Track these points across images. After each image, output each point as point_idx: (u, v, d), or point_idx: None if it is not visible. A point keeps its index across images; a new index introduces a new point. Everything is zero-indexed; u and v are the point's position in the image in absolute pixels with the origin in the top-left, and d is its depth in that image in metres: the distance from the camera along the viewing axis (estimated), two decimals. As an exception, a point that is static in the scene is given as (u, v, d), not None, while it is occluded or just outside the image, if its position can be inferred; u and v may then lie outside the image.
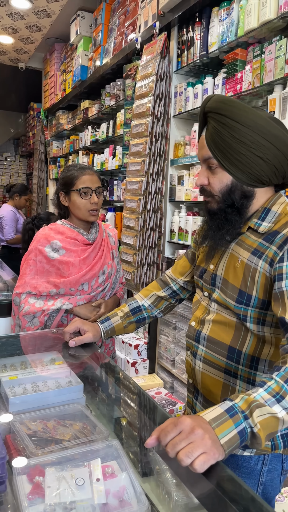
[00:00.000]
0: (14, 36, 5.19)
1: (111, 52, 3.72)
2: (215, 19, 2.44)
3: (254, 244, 1.06)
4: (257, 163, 1.01)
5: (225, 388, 1.11)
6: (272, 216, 1.06)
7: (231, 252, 1.11)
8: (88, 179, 1.63)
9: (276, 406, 0.78)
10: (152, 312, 1.41)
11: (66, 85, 5.05)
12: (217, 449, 0.73)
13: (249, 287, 1.04)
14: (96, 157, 4.33)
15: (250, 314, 1.05)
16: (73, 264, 1.61)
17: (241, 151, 1.01)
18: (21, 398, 1.02)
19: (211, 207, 1.12)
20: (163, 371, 3.10)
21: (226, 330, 1.10)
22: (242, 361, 1.08)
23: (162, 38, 2.74)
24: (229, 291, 1.09)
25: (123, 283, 1.91)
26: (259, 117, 1.00)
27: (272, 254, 1.01)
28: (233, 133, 1.00)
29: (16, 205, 4.67)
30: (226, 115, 1.01)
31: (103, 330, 1.37)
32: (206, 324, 1.15)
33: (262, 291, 1.03)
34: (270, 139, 1.00)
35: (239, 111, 1.00)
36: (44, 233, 1.66)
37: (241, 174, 1.04)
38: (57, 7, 4.38)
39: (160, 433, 0.77)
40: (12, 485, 0.76)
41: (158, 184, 2.87)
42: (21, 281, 1.64)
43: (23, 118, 7.65)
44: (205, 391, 1.17)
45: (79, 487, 0.75)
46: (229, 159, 1.03)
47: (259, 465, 1.11)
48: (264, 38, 2.21)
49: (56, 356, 1.30)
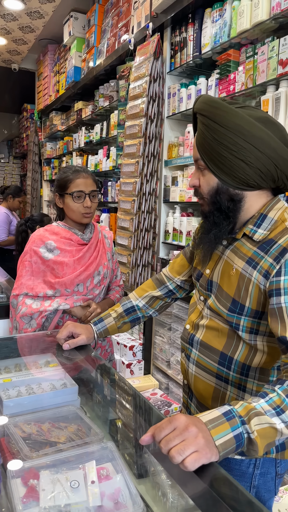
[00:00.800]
0: (7, 37, 5.17)
1: (104, 53, 3.72)
2: (208, 20, 2.44)
3: (249, 252, 1.02)
4: (239, 166, 0.97)
5: (216, 393, 1.11)
6: (268, 223, 1.02)
7: (226, 259, 1.08)
8: (82, 183, 1.62)
9: (276, 418, 0.77)
10: (146, 312, 1.39)
11: (60, 86, 5.04)
12: (210, 449, 0.73)
13: (243, 297, 1.02)
14: (90, 158, 4.32)
15: (243, 323, 1.03)
16: (67, 264, 1.61)
17: (222, 154, 0.97)
18: (15, 401, 1.01)
19: (203, 209, 1.11)
20: (158, 372, 3.10)
21: (219, 337, 1.09)
22: (233, 368, 1.06)
23: (155, 39, 2.75)
24: (223, 299, 1.07)
25: (121, 286, 1.90)
26: (241, 119, 0.96)
27: (268, 266, 0.97)
28: (214, 135, 0.97)
29: (9, 207, 4.65)
30: (208, 116, 0.99)
31: (96, 331, 1.36)
32: (200, 329, 1.14)
33: (256, 302, 1.00)
34: (252, 142, 0.95)
35: (220, 112, 0.97)
36: (39, 234, 1.66)
37: (225, 177, 1.00)
38: (50, 8, 4.37)
39: (155, 430, 0.77)
40: (7, 488, 0.76)
41: (152, 185, 2.87)
42: (17, 283, 1.64)
43: (17, 119, 7.63)
44: (198, 393, 1.16)
45: (74, 489, 0.75)
46: (213, 161, 1.00)
47: (251, 468, 1.10)
48: (257, 39, 2.22)
49: (51, 358, 1.30)
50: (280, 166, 0.98)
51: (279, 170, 0.99)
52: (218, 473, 0.74)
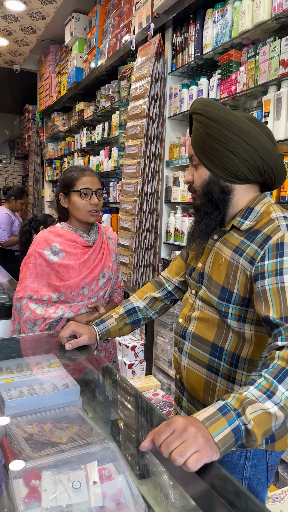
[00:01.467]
0: (8, 38, 5.18)
1: (105, 54, 3.73)
2: (209, 20, 2.44)
3: (236, 242, 1.09)
4: (229, 157, 1.05)
5: (207, 384, 1.15)
6: (255, 215, 1.09)
7: (216, 250, 1.15)
8: (89, 180, 1.62)
9: (268, 402, 0.79)
10: (147, 314, 1.42)
11: (61, 87, 5.05)
12: (211, 448, 0.73)
13: (231, 284, 1.07)
14: (91, 158, 4.33)
15: (231, 311, 1.08)
16: (73, 267, 1.60)
17: (214, 146, 1.06)
18: (17, 401, 1.01)
19: (195, 203, 1.19)
20: (160, 372, 3.10)
21: (209, 327, 1.14)
22: (224, 358, 1.11)
23: (157, 39, 2.75)
24: (212, 288, 1.13)
25: (122, 287, 1.89)
26: (231, 115, 1.05)
27: (253, 253, 1.03)
28: (207, 129, 1.06)
29: (11, 208, 4.65)
30: (202, 114, 1.08)
31: (98, 332, 1.36)
32: (192, 321, 1.20)
33: (243, 288, 1.05)
34: (239, 134, 1.04)
35: (212, 110, 1.06)
36: (43, 236, 1.64)
37: (216, 169, 1.08)
38: (52, 9, 4.38)
39: (154, 435, 0.77)
40: (8, 489, 0.76)
41: (153, 186, 2.87)
42: (21, 285, 1.62)
43: (18, 120, 7.64)
44: (189, 386, 1.20)
45: (76, 490, 0.75)
46: (205, 155, 1.09)
47: (242, 460, 1.13)
48: (258, 39, 2.22)
49: (53, 358, 1.30)
50: (266, 158, 1.06)
51: (265, 162, 1.07)
52: (220, 473, 0.74)
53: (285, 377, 0.81)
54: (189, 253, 1.35)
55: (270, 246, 0.99)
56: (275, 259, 0.97)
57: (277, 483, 2.05)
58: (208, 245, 1.19)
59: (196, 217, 1.18)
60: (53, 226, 1.70)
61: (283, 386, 0.80)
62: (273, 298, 0.93)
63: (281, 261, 0.96)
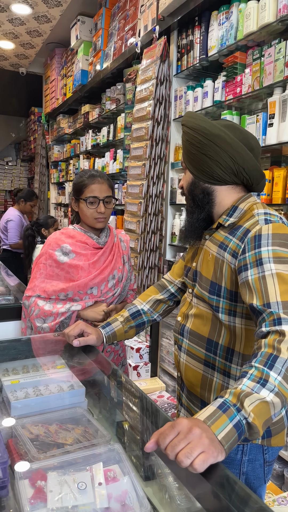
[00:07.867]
0: (14, 41, 5.22)
1: (111, 57, 3.74)
2: (214, 22, 2.45)
3: (221, 238, 1.17)
4: (203, 160, 1.15)
5: (204, 379, 1.19)
6: (239, 212, 1.16)
7: (205, 248, 1.22)
8: (97, 188, 1.62)
9: (263, 391, 0.79)
10: (151, 316, 1.45)
11: (67, 89, 5.07)
12: (216, 448, 0.73)
13: (219, 278, 1.14)
14: (97, 160, 4.34)
15: (222, 305, 1.13)
16: (82, 268, 1.61)
17: (192, 151, 1.17)
18: (23, 402, 1.02)
19: (186, 206, 1.28)
20: (165, 374, 3.10)
21: (204, 323, 1.19)
22: (219, 353, 1.15)
23: (162, 42, 2.76)
24: (203, 284, 1.19)
25: (135, 290, 1.90)
26: (205, 122, 1.15)
27: (235, 247, 1.10)
28: (186, 137, 1.18)
29: (21, 210, 4.65)
30: (184, 124, 1.20)
31: (105, 335, 1.37)
32: (189, 319, 1.25)
33: (229, 282, 1.11)
34: (211, 138, 1.13)
35: (192, 120, 1.17)
36: (55, 237, 1.67)
37: (196, 172, 1.19)
38: (57, 12, 4.40)
39: (159, 437, 0.77)
40: (14, 489, 0.76)
41: (158, 187, 2.87)
42: (31, 285, 1.65)
43: (24, 122, 7.68)
44: (188, 382, 1.24)
45: (81, 491, 0.75)
46: (188, 160, 1.20)
47: (239, 455, 1.14)
48: (264, 41, 2.22)
49: (58, 360, 1.30)
50: (236, 159, 1.14)
51: (236, 163, 1.15)
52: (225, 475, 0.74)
53: (275, 363, 0.82)
54: (186, 255, 1.40)
55: (249, 238, 1.06)
56: (254, 250, 1.03)
57: (283, 486, 2.04)
58: (201, 245, 1.27)
59: (185, 217, 1.29)
60: (66, 228, 1.73)
61: (274, 371, 0.81)
62: (255, 286, 0.98)
63: (259, 252, 1.02)
